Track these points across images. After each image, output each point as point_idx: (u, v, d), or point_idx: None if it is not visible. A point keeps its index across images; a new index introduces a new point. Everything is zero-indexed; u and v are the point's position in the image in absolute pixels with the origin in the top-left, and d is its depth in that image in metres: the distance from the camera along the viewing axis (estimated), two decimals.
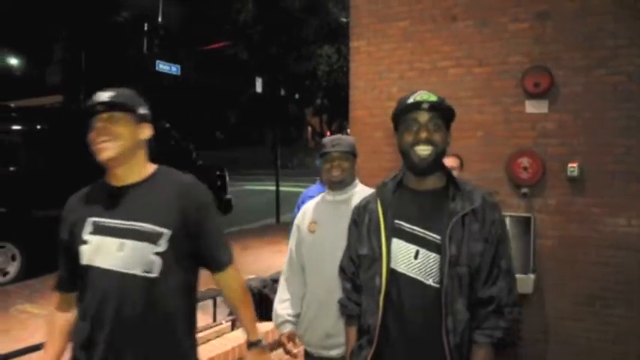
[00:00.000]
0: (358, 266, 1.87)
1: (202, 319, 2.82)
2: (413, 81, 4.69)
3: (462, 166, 3.95)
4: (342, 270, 1.97)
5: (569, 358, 4.20)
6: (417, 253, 1.72)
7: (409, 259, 1.72)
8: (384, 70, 4.88)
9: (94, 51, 19.58)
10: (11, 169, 6.81)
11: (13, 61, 21.82)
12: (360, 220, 1.89)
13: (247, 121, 23.78)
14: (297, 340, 2.51)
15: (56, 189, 6.90)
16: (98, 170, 1.83)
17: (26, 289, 6.09)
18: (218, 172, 10.38)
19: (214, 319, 3.07)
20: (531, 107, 4.27)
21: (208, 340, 2.88)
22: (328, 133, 22.49)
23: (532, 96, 4.24)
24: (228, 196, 10.41)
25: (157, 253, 1.65)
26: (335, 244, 2.23)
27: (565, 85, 4.17)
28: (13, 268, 6.50)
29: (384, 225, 1.77)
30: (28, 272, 6.54)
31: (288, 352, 2.45)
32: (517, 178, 4.27)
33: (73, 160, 7.26)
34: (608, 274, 4.06)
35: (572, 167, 4.09)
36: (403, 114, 1.79)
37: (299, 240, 2.60)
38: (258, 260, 7.50)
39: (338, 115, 20.79)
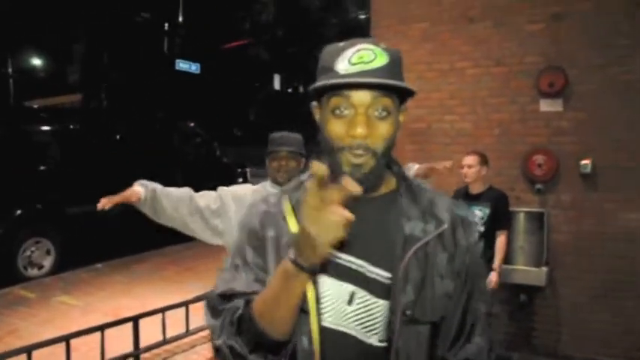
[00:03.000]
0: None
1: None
2: (432, 81, 4.86)
3: (486, 163, 3.99)
4: (215, 310, 1.16)
5: (583, 349, 4.35)
6: (352, 296, 1.13)
7: (340, 305, 1.13)
8: (404, 71, 5.03)
9: (114, 50, 19.97)
10: (46, 167, 7.12)
11: (36, 61, 22.30)
12: (260, 240, 1.17)
13: (266, 118, 24.05)
14: None
15: (87, 186, 7.24)
16: (126, 168, 1.72)
17: (61, 282, 6.39)
18: (240, 169, 10.65)
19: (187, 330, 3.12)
20: (546, 106, 4.41)
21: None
22: None
23: (547, 95, 4.38)
24: None
25: None
26: None
27: (579, 84, 4.31)
28: (48, 262, 6.81)
29: None
30: (61, 266, 6.86)
31: None
32: (532, 175, 4.41)
33: (103, 158, 7.59)
34: (621, 267, 4.20)
35: (586, 164, 4.22)
36: (327, 89, 1.10)
37: None
38: None
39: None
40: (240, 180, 10.58)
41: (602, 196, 4.27)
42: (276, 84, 23.89)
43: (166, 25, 21.49)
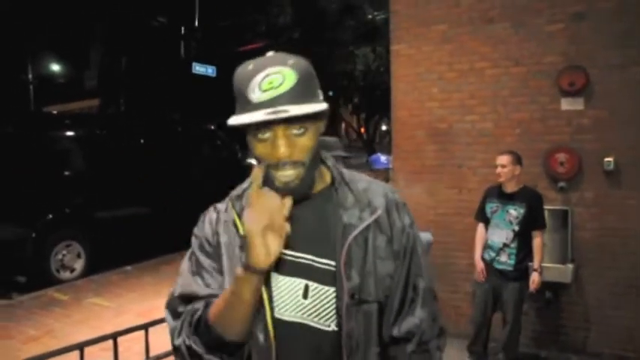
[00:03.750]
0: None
1: None
2: (452, 81, 4.93)
3: (519, 162, 4.02)
4: (175, 312, 1.25)
5: (611, 345, 4.38)
6: (307, 289, 1.21)
7: (296, 299, 1.21)
8: (424, 72, 5.12)
9: (131, 55, 20.24)
10: (73, 173, 7.32)
11: (55, 67, 22.66)
12: (213, 246, 1.26)
13: None
14: None
15: (113, 190, 7.43)
16: (149, 172, 1.51)
17: (93, 284, 6.58)
18: None
19: None
20: (567, 104, 4.46)
21: None
22: (363, 130, 22.66)
23: (567, 94, 4.43)
24: None
25: None
26: None
27: (600, 83, 4.34)
28: (79, 265, 7.01)
29: None
30: (92, 268, 7.05)
31: None
32: (554, 173, 4.46)
33: (127, 162, 7.77)
34: None
35: (609, 161, 4.26)
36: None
37: None
38: None
39: (374, 113, 20.97)
40: None
41: (624, 194, 4.30)
42: None
43: (183, 29, 21.73)
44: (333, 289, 1.20)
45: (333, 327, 1.20)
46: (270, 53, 1.18)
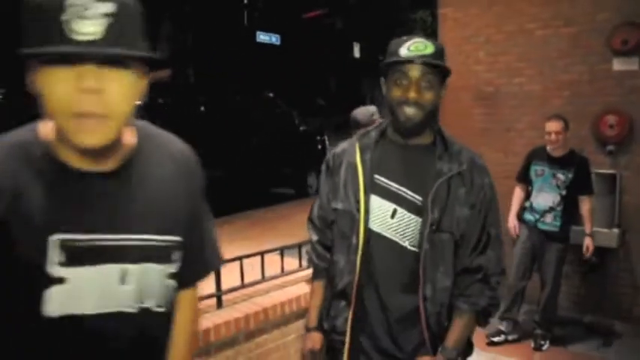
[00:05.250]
0: (331, 221, 1.71)
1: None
2: (499, 44, 4.85)
3: (567, 127, 3.97)
4: (310, 220, 1.81)
5: None
6: (395, 212, 1.59)
7: (385, 217, 1.59)
8: (472, 35, 5.06)
9: (198, 28, 20.78)
10: None
11: None
12: (335, 168, 1.71)
13: (347, 87, 24.17)
14: None
15: None
16: (209, 139, 1.47)
17: None
18: (319, 137, 10.96)
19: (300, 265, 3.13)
20: (619, 65, 4.29)
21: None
22: None
23: (620, 53, 4.25)
24: None
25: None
26: None
27: None
28: None
29: (363, 179, 1.61)
30: None
31: None
32: (603, 136, 4.34)
33: (188, 129, 8.15)
34: None
35: None
36: (392, 65, 1.57)
37: None
38: None
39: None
40: (320, 147, 10.92)
41: None
42: (356, 52, 23.84)
43: None
44: (414, 216, 1.57)
45: (407, 245, 1.58)
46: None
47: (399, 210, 1.58)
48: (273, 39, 22.54)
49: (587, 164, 3.97)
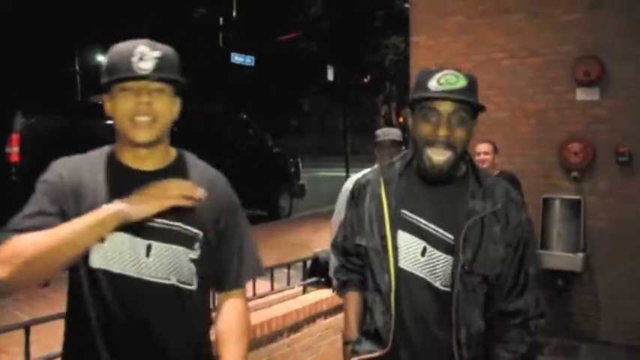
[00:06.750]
0: (356, 255, 1.68)
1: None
2: (469, 72, 4.98)
3: (496, 151, 4.15)
4: (334, 247, 1.79)
5: (623, 335, 4.40)
6: (425, 249, 1.49)
7: (415, 255, 1.50)
8: (443, 63, 5.17)
9: (173, 46, 20.81)
10: None
11: (101, 58, 23.47)
12: (360, 199, 1.65)
13: (320, 109, 24.41)
14: None
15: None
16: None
17: None
18: (292, 159, 10.98)
19: (288, 283, 3.52)
20: (582, 95, 4.47)
21: (283, 301, 3.36)
22: (401, 120, 22.62)
23: (583, 84, 4.44)
24: (302, 182, 10.99)
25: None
26: None
27: (616, 73, 4.34)
28: None
29: (389, 213, 1.54)
30: None
31: None
32: (568, 163, 4.49)
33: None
34: None
35: (623, 151, 4.26)
36: (420, 100, 1.48)
37: None
38: (327, 240, 8.07)
39: (406, 102, 21.00)
40: (293, 169, 10.95)
41: (639, 183, 4.30)
42: (330, 75, 24.17)
43: (221, 19, 22.15)
44: (444, 255, 1.47)
45: (439, 285, 1.48)
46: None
47: (429, 248, 1.49)
48: (248, 60, 22.70)
49: (517, 182, 3.98)
